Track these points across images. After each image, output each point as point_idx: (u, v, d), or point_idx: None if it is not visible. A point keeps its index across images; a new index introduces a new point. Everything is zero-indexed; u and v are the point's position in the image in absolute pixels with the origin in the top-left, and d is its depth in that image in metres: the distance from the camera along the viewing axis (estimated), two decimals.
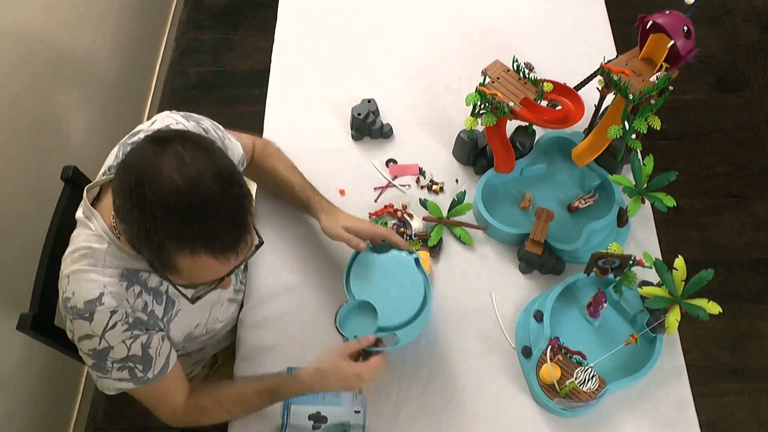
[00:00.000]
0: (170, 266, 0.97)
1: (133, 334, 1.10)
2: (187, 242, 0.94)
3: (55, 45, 1.93)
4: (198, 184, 0.92)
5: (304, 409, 1.33)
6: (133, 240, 0.99)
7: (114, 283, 1.08)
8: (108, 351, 1.09)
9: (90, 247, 1.09)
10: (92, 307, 1.07)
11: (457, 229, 1.51)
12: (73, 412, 2.05)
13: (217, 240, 0.95)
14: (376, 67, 1.80)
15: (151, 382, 1.16)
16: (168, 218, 0.92)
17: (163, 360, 1.16)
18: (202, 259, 0.95)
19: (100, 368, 1.12)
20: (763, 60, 2.85)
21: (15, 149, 1.72)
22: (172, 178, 0.91)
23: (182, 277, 1.01)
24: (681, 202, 1.44)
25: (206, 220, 0.93)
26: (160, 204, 0.91)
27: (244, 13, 2.95)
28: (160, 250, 0.95)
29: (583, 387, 1.26)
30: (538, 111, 1.45)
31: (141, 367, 1.13)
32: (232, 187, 0.96)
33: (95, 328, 1.07)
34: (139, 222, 0.94)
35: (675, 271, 1.28)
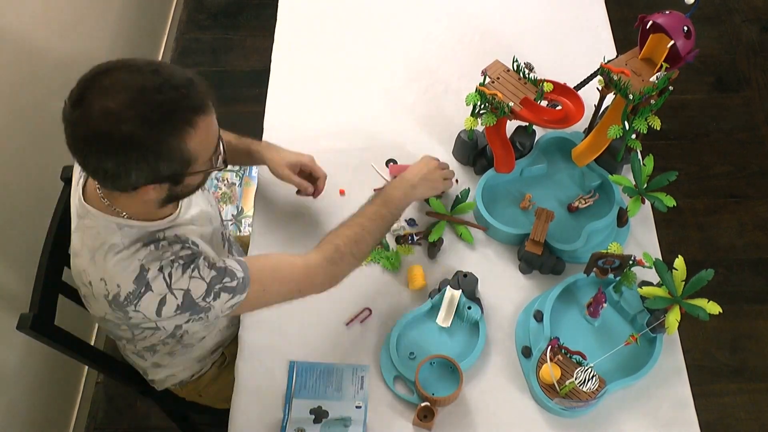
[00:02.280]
0: (187, 158, 1.01)
1: (194, 267, 1.10)
2: (181, 123, 0.98)
3: (55, 44, 1.93)
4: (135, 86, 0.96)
5: (306, 403, 1.33)
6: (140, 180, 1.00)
7: (144, 252, 1.09)
8: (189, 295, 1.10)
9: (105, 242, 1.09)
10: (143, 280, 1.07)
11: (459, 227, 1.51)
12: (73, 412, 2.05)
13: (193, 100, 0.99)
14: (376, 67, 1.80)
15: (249, 279, 1.16)
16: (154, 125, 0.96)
17: (233, 261, 1.17)
18: (200, 123, 0.99)
19: (202, 310, 1.12)
20: (763, 60, 2.85)
21: (15, 149, 1.72)
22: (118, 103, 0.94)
23: (201, 158, 1.03)
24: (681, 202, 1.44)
25: (172, 97, 0.97)
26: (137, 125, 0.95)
27: (244, 13, 2.95)
28: (171, 155, 0.99)
29: (583, 387, 1.26)
30: (538, 111, 1.45)
31: (228, 279, 1.13)
32: (158, 67, 0.99)
33: (160, 290, 1.08)
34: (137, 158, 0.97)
35: (675, 271, 1.28)
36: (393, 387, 1.34)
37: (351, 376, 1.36)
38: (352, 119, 1.71)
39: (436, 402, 1.29)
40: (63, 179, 1.41)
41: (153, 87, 0.96)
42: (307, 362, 1.38)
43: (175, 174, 1.03)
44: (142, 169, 0.99)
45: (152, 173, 1.00)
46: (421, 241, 1.51)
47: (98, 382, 2.15)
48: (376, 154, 1.65)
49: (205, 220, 1.27)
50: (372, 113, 1.72)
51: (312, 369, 1.37)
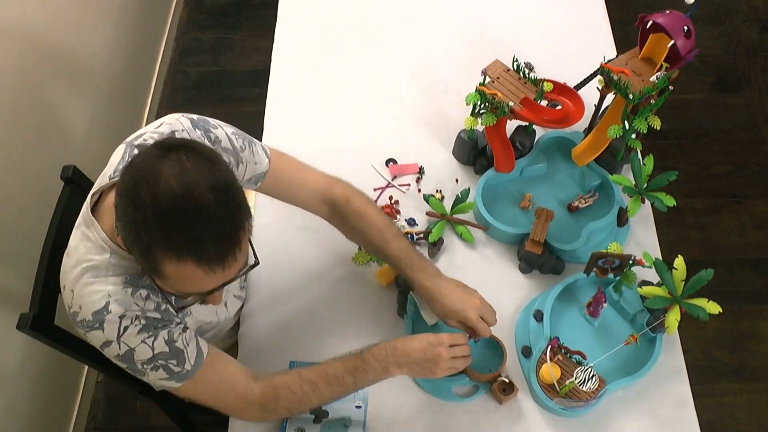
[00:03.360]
0: (157, 271, 0.97)
1: (151, 333, 1.09)
2: (174, 248, 0.94)
3: (55, 45, 1.93)
4: (193, 191, 0.92)
5: None
6: (125, 240, 0.99)
7: (118, 291, 1.08)
8: (132, 353, 1.08)
9: (91, 260, 1.08)
10: (101, 317, 1.06)
11: (459, 227, 1.51)
12: (73, 412, 2.05)
13: (204, 250, 0.94)
14: (376, 66, 1.80)
15: (192, 374, 1.14)
16: (158, 221, 0.92)
17: (194, 348, 1.14)
18: (188, 267, 0.95)
19: (135, 370, 1.11)
20: (763, 60, 2.85)
21: (15, 150, 1.72)
22: (168, 182, 0.92)
23: (168, 284, 1.01)
24: (681, 202, 1.44)
25: (195, 227, 0.93)
26: (153, 206, 0.92)
27: (244, 13, 2.95)
28: (147, 252, 0.95)
29: (583, 387, 1.26)
30: (538, 111, 1.45)
31: (174, 362, 1.11)
32: (228, 199, 0.95)
33: (109, 335, 1.07)
34: (131, 221, 0.94)
35: (675, 270, 1.28)
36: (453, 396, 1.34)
37: None
38: (352, 119, 1.71)
39: (499, 374, 1.32)
40: (63, 179, 1.40)
41: (198, 206, 0.92)
42: (307, 362, 1.38)
43: (142, 266, 1.01)
44: (127, 233, 0.97)
45: (128, 243, 0.99)
46: (421, 241, 1.50)
47: (98, 382, 2.15)
48: (376, 154, 1.65)
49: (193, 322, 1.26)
50: (372, 113, 1.72)
51: None
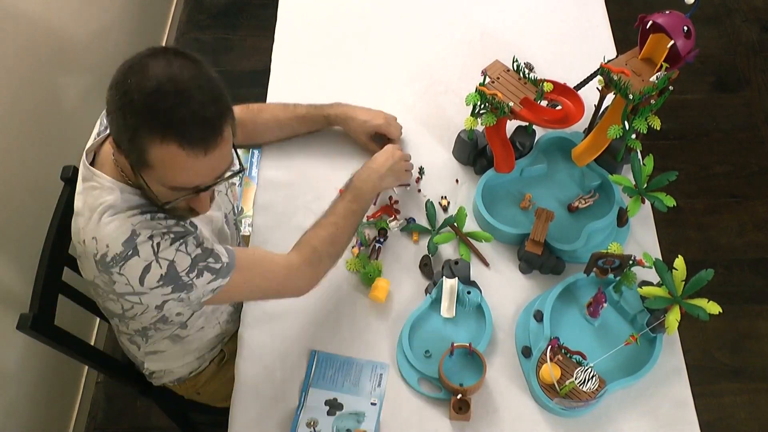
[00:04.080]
0: (144, 159, 1.01)
1: (182, 242, 1.11)
2: (158, 128, 0.98)
3: (54, 45, 1.93)
4: (176, 77, 0.98)
5: (323, 393, 1.34)
6: (115, 133, 1.03)
7: (139, 219, 1.10)
8: (174, 266, 1.10)
9: (103, 202, 1.11)
10: (132, 243, 1.08)
11: (463, 247, 1.49)
12: (73, 412, 2.05)
13: (186, 131, 0.98)
14: (376, 67, 1.80)
15: (233, 265, 1.16)
16: (143, 103, 0.97)
17: (220, 246, 1.18)
18: (171, 148, 0.98)
19: (184, 287, 1.12)
20: (763, 60, 2.85)
21: (15, 150, 1.72)
22: (155, 72, 0.98)
23: (154, 176, 1.04)
24: (681, 202, 1.44)
25: (179, 109, 0.98)
26: (138, 90, 0.97)
27: (244, 13, 2.95)
28: (134, 136, 0.99)
29: (583, 387, 1.26)
30: (538, 111, 1.45)
31: (212, 260, 1.14)
32: (211, 89, 1.01)
33: (146, 256, 1.08)
34: (119, 108, 0.99)
35: (675, 271, 1.28)
36: (419, 388, 1.34)
37: (370, 373, 1.37)
38: None
39: (467, 391, 1.29)
40: (63, 179, 1.41)
41: (183, 89, 0.98)
42: (328, 353, 1.39)
43: (130, 159, 1.04)
44: (117, 123, 1.01)
45: (117, 135, 1.03)
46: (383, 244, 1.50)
47: (98, 382, 2.15)
48: None
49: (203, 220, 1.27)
50: None
51: (332, 360, 1.38)
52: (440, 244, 1.48)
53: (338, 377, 1.36)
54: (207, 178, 1.06)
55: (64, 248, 1.38)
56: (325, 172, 1.60)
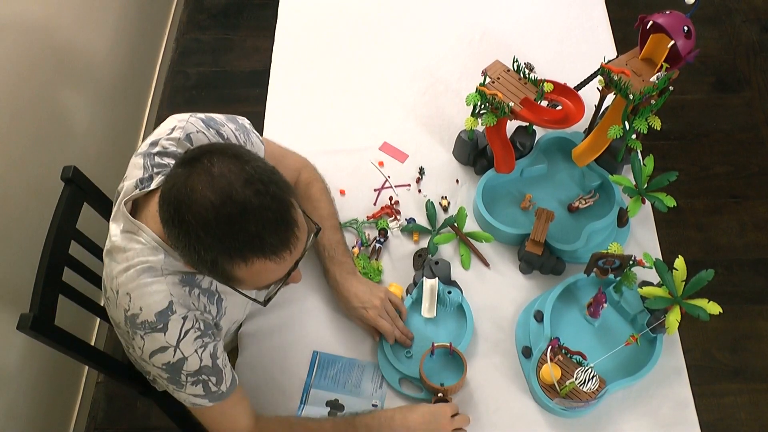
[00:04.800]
0: (231, 278, 0.99)
1: (204, 342, 1.09)
2: (237, 253, 0.94)
3: (55, 45, 1.93)
4: (231, 194, 0.92)
5: (324, 394, 1.34)
6: (192, 263, 1.00)
7: (178, 290, 1.08)
8: (182, 363, 1.08)
9: (146, 261, 1.07)
10: (165, 318, 1.06)
11: (463, 248, 1.50)
12: (73, 412, 2.05)
13: (265, 243, 0.95)
14: (376, 67, 1.80)
15: (226, 396, 1.15)
16: (212, 236, 0.93)
17: (230, 371, 1.16)
18: (257, 265, 0.96)
19: (175, 382, 1.11)
20: (763, 60, 2.85)
21: (15, 150, 1.72)
22: (204, 195, 0.92)
23: (247, 285, 1.02)
24: (681, 203, 1.44)
25: (248, 226, 0.93)
26: (200, 224, 0.92)
27: (244, 13, 2.95)
28: (214, 267, 0.96)
29: (584, 387, 1.26)
30: (538, 111, 1.45)
31: (214, 380, 1.12)
32: (266, 186, 0.95)
33: (170, 339, 1.07)
34: (187, 246, 0.95)
35: (675, 271, 1.28)
36: (400, 389, 1.34)
37: (371, 375, 1.37)
38: (352, 119, 1.71)
39: (447, 391, 1.29)
40: (63, 179, 1.40)
41: (241, 205, 0.92)
42: (330, 354, 1.39)
43: (213, 275, 1.01)
44: (189, 257, 0.98)
45: (194, 265, 1.00)
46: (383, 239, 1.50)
47: (98, 382, 2.15)
48: (376, 154, 1.65)
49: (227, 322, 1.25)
50: (372, 113, 1.72)
51: (333, 361, 1.38)
52: (440, 244, 1.48)
53: (339, 378, 1.36)
54: (295, 261, 1.03)
55: (65, 248, 1.38)
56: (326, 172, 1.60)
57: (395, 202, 1.56)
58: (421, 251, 1.49)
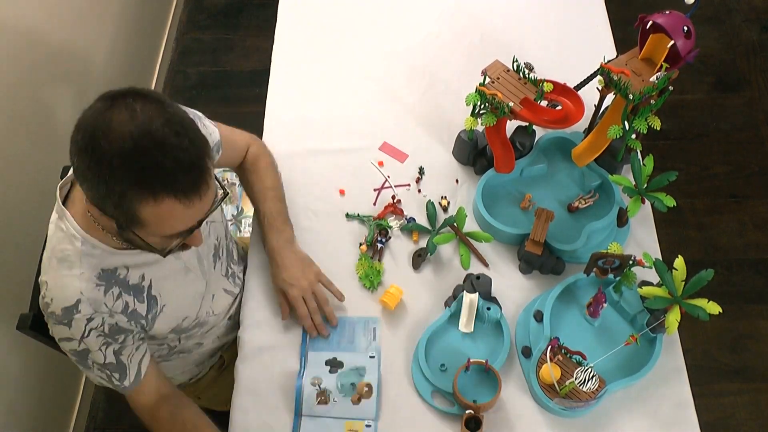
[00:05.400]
0: (135, 219, 0.97)
1: (106, 341, 1.13)
2: (148, 187, 0.94)
3: (54, 45, 1.93)
4: (150, 129, 0.93)
5: (320, 355, 1.37)
6: (96, 199, 0.98)
7: (91, 289, 1.09)
8: (87, 353, 1.13)
9: (63, 250, 1.09)
10: (70, 315, 1.08)
11: (463, 248, 1.50)
12: (73, 412, 2.05)
13: (177, 181, 0.95)
14: (376, 67, 1.80)
15: (129, 389, 1.22)
16: (126, 166, 0.92)
17: (135, 368, 1.20)
18: (166, 203, 0.95)
19: (83, 364, 1.17)
20: (763, 60, 2.85)
21: (15, 150, 1.72)
22: (124, 126, 0.92)
23: (149, 231, 1.00)
24: (681, 202, 1.44)
25: (164, 162, 0.93)
26: (116, 153, 0.92)
27: (244, 13, 2.95)
28: (122, 200, 0.95)
29: (583, 387, 1.26)
30: (538, 111, 1.45)
31: (117, 376, 1.18)
32: (185, 130, 0.96)
33: (74, 333, 1.11)
34: (98, 176, 0.94)
35: (675, 271, 1.28)
36: (432, 402, 1.33)
37: (363, 329, 1.39)
38: (352, 119, 1.71)
39: (480, 408, 1.28)
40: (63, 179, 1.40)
41: (159, 140, 0.93)
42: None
43: (118, 221, 1.00)
44: (97, 190, 0.96)
45: (99, 201, 0.98)
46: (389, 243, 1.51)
47: None
48: (375, 153, 1.65)
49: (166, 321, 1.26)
50: (372, 113, 1.72)
51: (325, 322, 1.40)
52: (440, 244, 1.48)
53: (333, 337, 1.39)
54: (200, 216, 1.03)
55: None
56: (326, 172, 1.60)
57: (398, 201, 1.56)
58: (421, 251, 1.49)
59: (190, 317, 1.30)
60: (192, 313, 1.30)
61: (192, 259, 1.26)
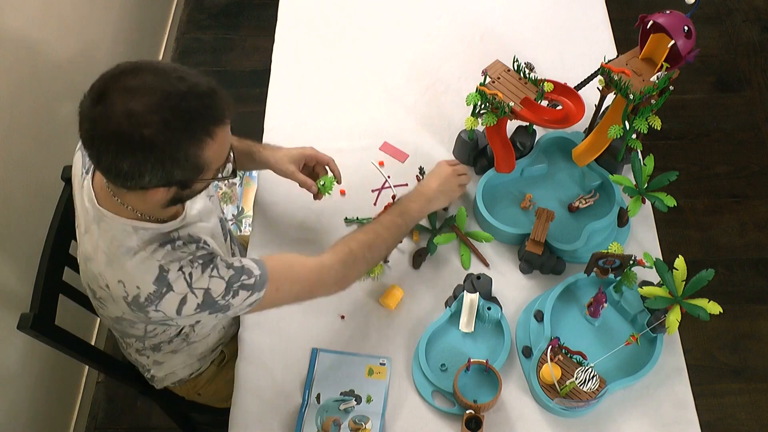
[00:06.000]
0: (201, 166, 1.02)
1: (213, 267, 1.11)
2: (203, 132, 0.99)
3: (55, 45, 1.93)
4: (162, 90, 0.96)
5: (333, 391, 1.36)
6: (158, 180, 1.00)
7: (162, 253, 1.10)
8: (209, 294, 1.11)
9: (122, 245, 1.09)
10: (164, 281, 1.08)
11: (463, 248, 1.50)
12: (73, 412, 2.05)
13: (215, 111, 1.00)
14: (376, 66, 1.80)
15: (266, 276, 1.16)
16: (173, 130, 0.96)
17: (248, 260, 1.18)
18: (219, 134, 1.01)
19: (221, 308, 1.13)
20: (763, 60, 2.85)
21: (15, 150, 1.72)
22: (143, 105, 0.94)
23: (213, 166, 1.05)
24: (681, 202, 1.44)
25: (197, 105, 0.98)
26: (158, 128, 0.95)
27: (244, 13, 2.95)
28: (187, 160, 0.99)
29: (584, 387, 1.26)
30: (538, 111, 1.45)
31: (245, 276, 1.14)
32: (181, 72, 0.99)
33: (181, 290, 1.09)
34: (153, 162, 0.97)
35: (675, 271, 1.28)
36: (433, 402, 1.33)
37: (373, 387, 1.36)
38: (353, 119, 1.71)
39: (480, 408, 1.28)
40: (63, 179, 1.41)
41: (178, 93, 0.97)
42: (330, 350, 1.40)
43: (186, 180, 1.04)
44: (156, 172, 0.99)
45: (165, 177, 1.01)
46: None
47: (98, 382, 2.15)
48: (376, 153, 1.65)
49: (207, 214, 1.27)
50: (372, 113, 1.72)
51: (334, 358, 1.39)
52: (440, 244, 1.48)
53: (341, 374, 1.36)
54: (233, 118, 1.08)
55: (65, 248, 1.38)
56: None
57: None
58: (421, 251, 1.49)
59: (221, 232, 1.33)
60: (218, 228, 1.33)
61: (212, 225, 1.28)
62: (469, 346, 1.39)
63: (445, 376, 1.36)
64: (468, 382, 1.33)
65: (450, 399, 1.34)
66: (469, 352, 1.38)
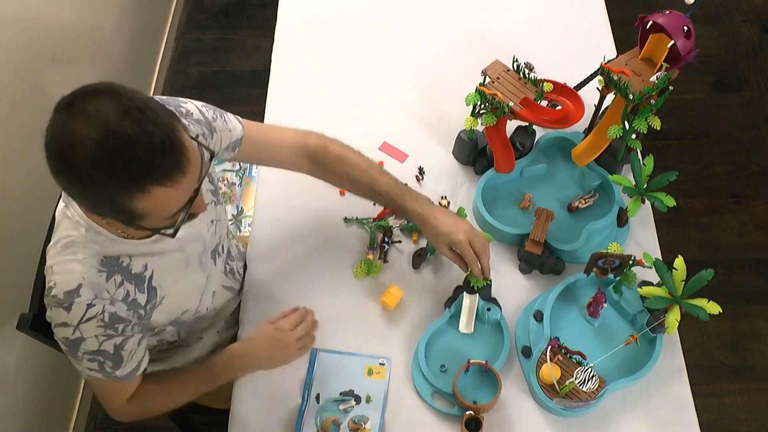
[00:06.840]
0: (134, 214, 0.98)
1: (107, 333, 1.12)
2: (133, 184, 0.93)
3: (54, 44, 1.93)
4: (110, 127, 0.91)
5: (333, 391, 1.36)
6: (90, 208, 1.01)
7: (93, 274, 1.09)
8: (80, 342, 1.11)
9: (69, 236, 1.10)
10: (71, 299, 1.08)
11: None
12: (73, 412, 2.05)
13: (157, 168, 0.94)
14: (376, 66, 1.80)
15: (120, 380, 1.19)
16: (103, 173, 0.92)
17: (134, 364, 1.19)
18: (155, 193, 0.95)
19: (72, 354, 1.15)
20: (763, 60, 2.85)
21: (15, 150, 1.72)
22: (85, 134, 0.91)
23: (151, 219, 1.00)
24: (681, 202, 1.44)
25: (137, 154, 0.92)
26: (88, 163, 0.92)
27: (244, 13, 2.95)
28: (114, 204, 0.96)
29: (583, 387, 1.26)
30: (538, 111, 1.45)
31: (111, 364, 1.15)
32: (144, 114, 0.93)
33: (71, 319, 1.09)
34: (82, 189, 0.96)
35: (675, 271, 1.28)
36: (432, 403, 1.33)
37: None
38: (352, 119, 1.71)
39: (480, 409, 1.28)
40: None
41: (122, 135, 0.91)
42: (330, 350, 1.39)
43: (121, 218, 1.01)
44: (86, 202, 0.99)
45: (96, 210, 1.01)
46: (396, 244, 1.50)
47: None
48: (375, 153, 1.65)
49: (191, 239, 1.24)
50: (372, 113, 1.72)
51: (333, 358, 1.38)
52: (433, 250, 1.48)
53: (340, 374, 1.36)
54: (195, 186, 1.02)
55: None
56: None
57: None
58: (421, 251, 1.49)
59: (190, 311, 1.30)
60: (192, 306, 1.30)
61: (195, 252, 1.26)
62: (469, 347, 1.39)
63: (444, 376, 1.35)
64: (467, 383, 1.33)
65: (450, 400, 1.34)
66: (468, 352, 1.38)
